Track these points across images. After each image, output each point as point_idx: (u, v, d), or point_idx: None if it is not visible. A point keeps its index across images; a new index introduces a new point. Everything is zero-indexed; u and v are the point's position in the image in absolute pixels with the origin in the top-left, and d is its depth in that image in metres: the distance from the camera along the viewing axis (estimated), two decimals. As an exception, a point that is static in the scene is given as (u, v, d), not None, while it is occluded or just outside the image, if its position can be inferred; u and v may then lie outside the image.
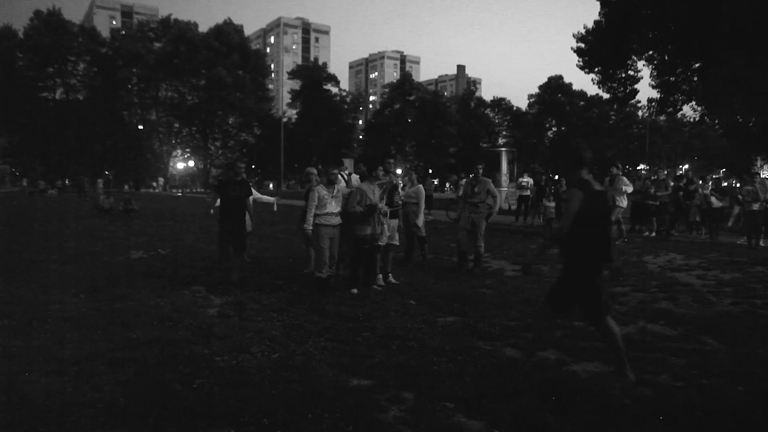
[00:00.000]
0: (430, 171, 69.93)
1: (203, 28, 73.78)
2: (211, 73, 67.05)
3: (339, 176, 7.91)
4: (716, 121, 33.64)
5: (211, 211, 8.57)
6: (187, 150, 75.28)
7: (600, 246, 4.09)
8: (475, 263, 8.97)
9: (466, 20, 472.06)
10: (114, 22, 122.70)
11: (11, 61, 63.69)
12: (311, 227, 7.09)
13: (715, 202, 14.27)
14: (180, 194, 52.29)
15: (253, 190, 10.41)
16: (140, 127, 71.93)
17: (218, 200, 8.09)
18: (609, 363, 4.47)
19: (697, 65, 28.31)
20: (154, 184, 69.10)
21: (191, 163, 75.45)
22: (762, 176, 14.12)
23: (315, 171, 8.28)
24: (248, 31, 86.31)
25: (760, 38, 21.07)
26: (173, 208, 27.83)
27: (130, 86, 71.15)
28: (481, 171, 9.05)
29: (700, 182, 15.40)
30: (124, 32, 79.11)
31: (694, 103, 31.76)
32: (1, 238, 13.38)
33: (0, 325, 5.41)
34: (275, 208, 12.08)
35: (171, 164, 74.94)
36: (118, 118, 68.73)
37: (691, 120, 46.26)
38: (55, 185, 49.33)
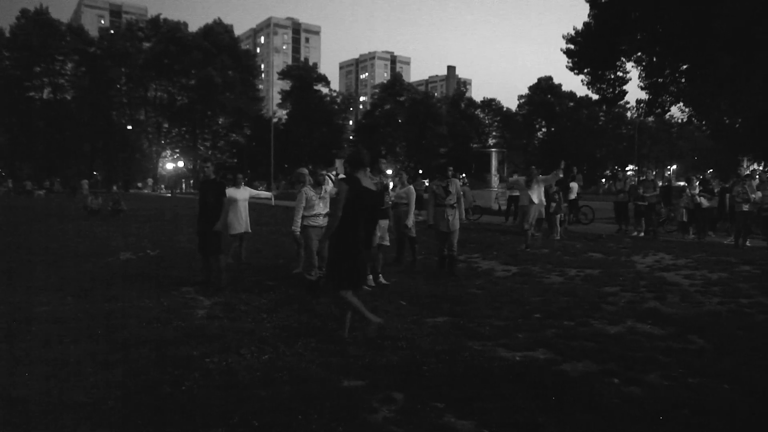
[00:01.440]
0: (421, 171, 70.03)
1: (193, 28, 73.63)
2: (201, 73, 66.78)
3: (327, 177, 7.90)
4: (703, 122, 34.01)
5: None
6: (177, 150, 74.90)
7: (363, 231, 4.94)
8: (451, 267, 8.68)
9: (456, 21, 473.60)
10: (102, 22, 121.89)
11: (-2, 60, 63.08)
12: (299, 229, 7.07)
13: (705, 202, 14.39)
14: (170, 194, 52.01)
15: (248, 189, 10.46)
16: (129, 127, 71.45)
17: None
18: (599, 362, 4.51)
19: (685, 67, 28.60)
20: (140, 184, 68.73)
21: (180, 164, 75.08)
22: (757, 178, 14.21)
23: (307, 171, 8.27)
24: (238, 32, 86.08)
25: (750, 40, 21.31)
26: (163, 208, 27.68)
27: (118, 86, 70.69)
28: (451, 171, 8.99)
29: (687, 182, 15.55)
30: (112, 32, 78.58)
31: (681, 104, 32.09)
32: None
33: (-14, 328, 5.35)
34: (273, 203, 12.14)
35: (160, 165, 74.53)
36: (106, 118, 68.23)
37: (679, 121, 46.65)
38: (42, 186, 48.90)
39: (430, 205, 8.71)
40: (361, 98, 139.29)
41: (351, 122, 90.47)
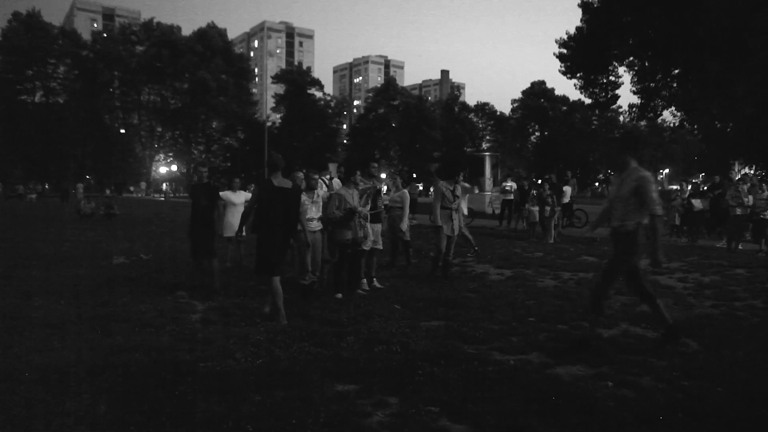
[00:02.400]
0: (414, 175, 70.07)
1: (186, 31, 73.56)
2: (195, 77, 66.69)
3: (320, 181, 7.88)
4: (695, 126, 34.24)
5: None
6: (170, 154, 74.69)
7: (282, 223, 5.85)
8: (444, 271, 8.61)
9: (450, 26, 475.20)
10: (95, 25, 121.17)
11: (-11, 63, 62.72)
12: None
13: (697, 205, 14.47)
14: (163, 198, 51.83)
15: (244, 192, 10.42)
16: (122, 131, 71.19)
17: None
18: (592, 366, 4.52)
19: (676, 71, 28.79)
20: (132, 188, 68.38)
21: (174, 168, 74.86)
22: (749, 181, 14.26)
23: (302, 175, 8.24)
24: (232, 35, 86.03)
25: (737, 44, 21.49)
26: (156, 212, 27.57)
27: (111, 89, 70.49)
28: (462, 176, 8.95)
29: (678, 186, 15.66)
30: (105, 35, 78.30)
31: (673, 108, 32.27)
32: (-21, 243, 13.14)
33: (-23, 333, 5.30)
34: None
35: (153, 168, 74.27)
36: (99, 121, 67.96)
37: (671, 125, 46.84)
38: (34, 190, 48.61)
39: (436, 207, 8.58)
40: (355, 102, 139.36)
41: (345, 126, 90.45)
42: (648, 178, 4.91)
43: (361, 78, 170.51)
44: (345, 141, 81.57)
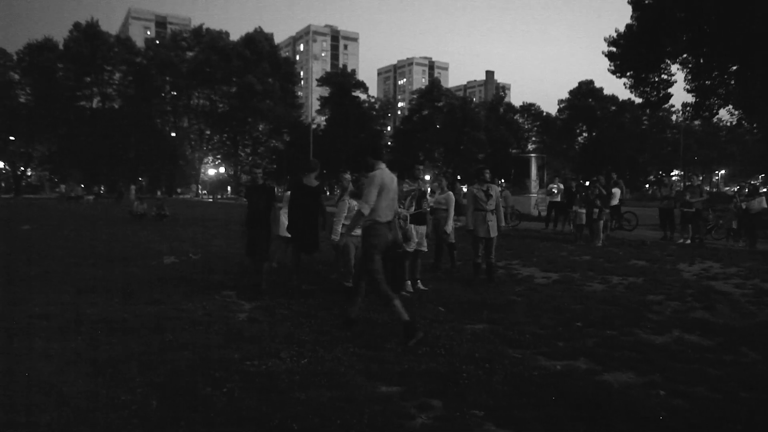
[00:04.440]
0: (459, 177, 69.61)
1: (234, 36, 75.31)
2: (242, 81, 68.22)
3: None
4: (754, 125, 32.76)
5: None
6: (218, 156, 76.60)
7: (305, 210, 7.33)
8: (489, 273, 8.53)
9: (494, 26, 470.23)
10: (148, 32, 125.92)
11: (52, 71, 65.95)
12: (338, 237, 7.10)
13: (753, 206, 13.84)
14: (211, 200, 53.16)
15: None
16: (173, 134, 73.52)
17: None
18: (643, 374, 4.38)
19: (734, 68, 27.60)
20: (179, 190, 70.34)
21: (222, 170, 76.79)
22: None
23: (350, 177, 8.26)
24: (278, 39, 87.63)
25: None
26: (205, 213, 28.31)
27: (163, 94, 72.96)
28: (488, 175, 8.79)
29: (737, 188, 15.02)
30: (158, 42, 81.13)
31: (731, 106, 30.96)
32: (39, 242, 13.79)
33: (38, 328, 5.56)
34: None
35: (202, 171, 76.35)
36: (151, 125, 70.43)
37: (728, 124, 44.98)
38: (92, 191, 50.68)
39: (469, 210, 8.54)
40: (399, 104, 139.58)
41: (389, 128, 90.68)
42: (371, 178, 5.30)
43: (405, 80, 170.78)
44: (389, 143, 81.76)
